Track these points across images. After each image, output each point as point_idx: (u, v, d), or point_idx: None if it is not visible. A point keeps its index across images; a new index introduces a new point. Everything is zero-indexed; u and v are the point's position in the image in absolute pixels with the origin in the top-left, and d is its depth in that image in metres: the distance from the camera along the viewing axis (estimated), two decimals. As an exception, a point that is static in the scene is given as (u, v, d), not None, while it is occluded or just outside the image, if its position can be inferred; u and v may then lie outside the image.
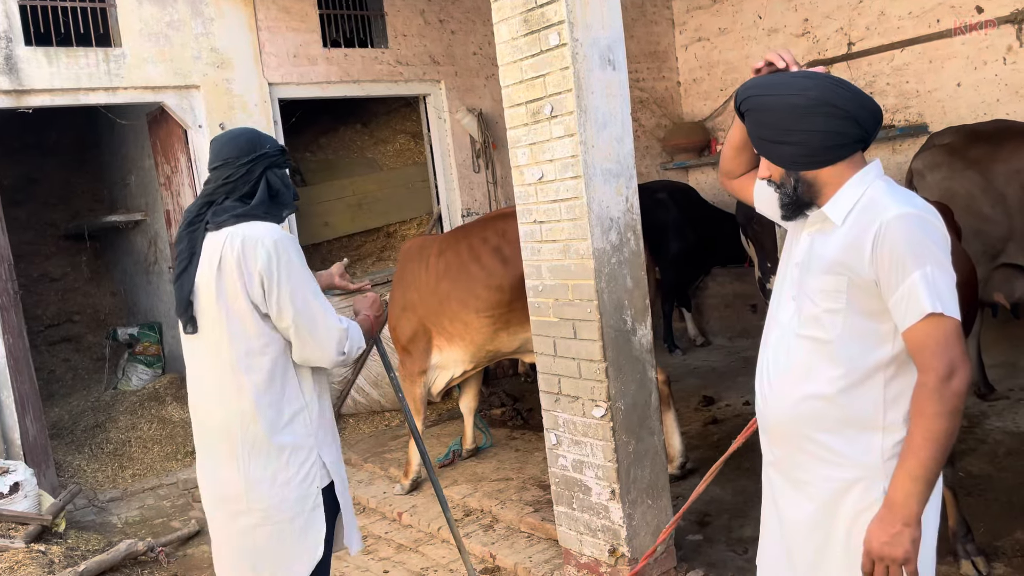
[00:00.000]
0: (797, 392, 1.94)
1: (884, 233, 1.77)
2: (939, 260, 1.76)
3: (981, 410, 5.14)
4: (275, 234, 2.33)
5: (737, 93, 2.01)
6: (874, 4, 6.65)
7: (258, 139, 2.45)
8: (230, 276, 2.30)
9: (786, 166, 1.93)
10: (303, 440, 2.36)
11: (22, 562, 4.02)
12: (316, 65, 6.29)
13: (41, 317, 8.17)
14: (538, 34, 3.35)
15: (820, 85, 1.88)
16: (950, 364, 1.74)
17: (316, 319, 2.33)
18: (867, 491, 1.86)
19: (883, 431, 1.86)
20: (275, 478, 2.33)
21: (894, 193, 1.84)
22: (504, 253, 4.67)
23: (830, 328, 1.88)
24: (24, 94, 5.21)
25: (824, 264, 1.88)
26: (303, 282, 2.34)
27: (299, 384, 2.38)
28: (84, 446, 6.36)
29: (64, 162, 8.68)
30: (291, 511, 2.35)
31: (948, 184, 4.83)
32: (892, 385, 1.86)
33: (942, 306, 1.73)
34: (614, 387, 3.37)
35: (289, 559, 2.38)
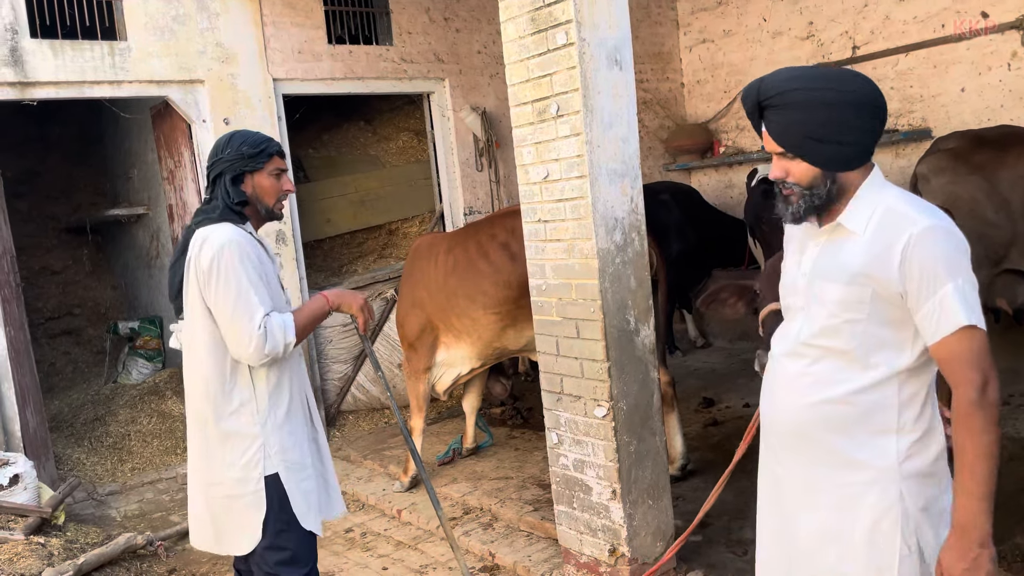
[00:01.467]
0: (809, 400, 1.93)
1: (914, 245, 1.76)
2: (968, 272, 1.77)
3: (981, 415, 5.14)
4: (226, 237, 2.52)
5: (763, 86, 1.89)
6: (879, 8, 6.65)
7: (224, 143, 2.66)
8: (193, 273, 2.56)
9: (828, 166, 1.86)
10: (248, 428, 2.57)
11: (21, 554, 4.02)
12: (321, 61, 6.29)
13: (42, 310, 8.16)
14: (545, 33, 3.35)
15: (865, 82, 1.87)
16: (984, 375, 1.75)
17: (236, 322, 2.50)
18: (884, 494, 1.86)
19: (897, 433, 1.86)
20: (223, 458, 2.58)
21: (913, 202, 1.84)
22: (512, 250, 4.67)
23: (848, 338, 1.86)
24: (29, 86, 5.20)
25: (847, 275, 1.85)
26: (234, 285, 2.50)
27: (251, 378, 2.58)
28: (84, 439, 6.36)
29: (67, 155, 8.67)
30: (233, 490, 2.58)
31: (952, 189, 4.83)
32: (906, 387, 1.86)
33: (976, 318, 1.74)
34: (616, 387, 3.38)
35: (234, 532, 2.62)
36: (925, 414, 1.88)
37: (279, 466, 2.60)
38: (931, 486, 1.88)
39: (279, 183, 2.69)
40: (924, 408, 1.88)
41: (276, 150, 2.68)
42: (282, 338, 2.55)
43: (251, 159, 2.61)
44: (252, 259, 2.54)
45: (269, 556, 2.61)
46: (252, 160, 2.62)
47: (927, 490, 1.87)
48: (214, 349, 2.57)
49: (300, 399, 2.72)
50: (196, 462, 2.68)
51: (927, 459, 1.87)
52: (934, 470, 1.88)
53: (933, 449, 1.88)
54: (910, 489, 1.85)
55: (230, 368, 2.57)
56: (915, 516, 1.86)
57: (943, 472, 1.90)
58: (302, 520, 2.64)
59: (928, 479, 1.87)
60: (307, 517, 2.66)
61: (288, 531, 2.62)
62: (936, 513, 1.88)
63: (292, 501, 2.61)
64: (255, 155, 2.62)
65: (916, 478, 1.86)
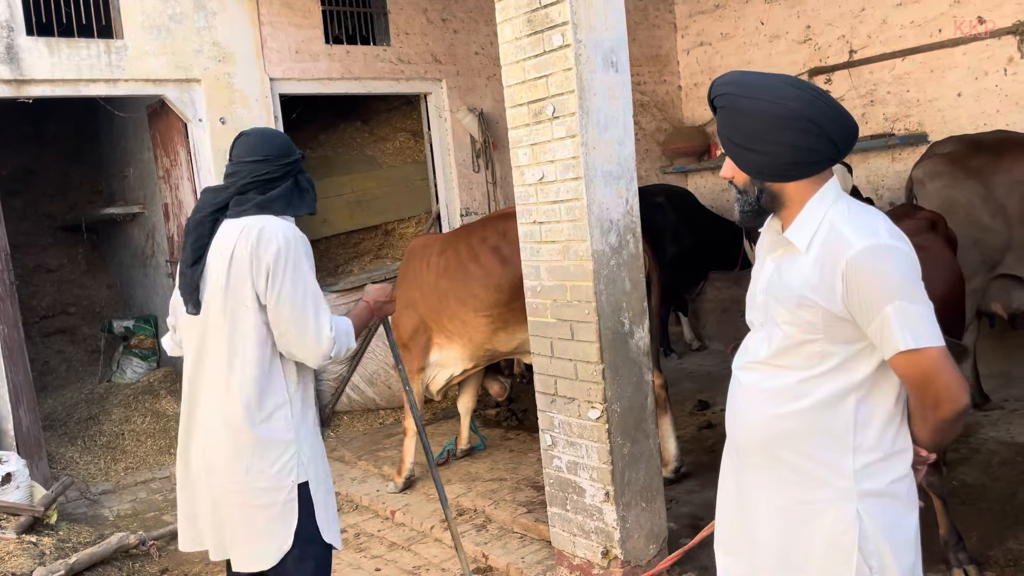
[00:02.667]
0: (767, 415, 1.90)
1: (850, 271, 1.73)
2: (907, 292, 1.71)
3: (976, 420, 5.14)
4: (290, 231, 2.42)
5: (713, 85, 1.90)
6: (876, 12, 6.65)
7: (291, 143, 2.58)
8: (240, 264, 2.38)
9: (752, 174, 1.87)
10: (282, 434, 2.43)
11: (13, 553, 4.01)
12: (318, 61, 6.28)
13: (36, 308, 8.14)
14: (542, 35, 3.34)
15: (802, 96, 1.79)
16: (935, 396, 1.73)
17: (308, 321, 2.39)
18: (841, 513, 1.82)
19: (854, 452, 1.81)
20: (250, 468, 2.41)
21: (856, 221, 1.78)
22: (503, 253, 4.67)
23: (805, 357, 1.84)
24: (25, 84, 5.19)
25: (795, 298, 1.82)
26: (304, 282, 2.40)
27: (284, 378, 2.46)
28: (77, 438, 6.34)
29: (63, 153, 8.65)
30: (262, 500, 2.42)
31: (948, 193, 4.84)
32: (863, 407, 1.82)
33: (914, 340, 1.69)
34: (611, 389, 3.37)
35: (256, 545, 2.45)
36: (887, 434, 1.83)
37: (310, 474, 2.48)
38: (892, 508, 1.83)
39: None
40: (886, 428, 1.83)
41: None
42: (346, 341, 2.48)
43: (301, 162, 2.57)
44: (311, 259, 2.47)
45: (292, 568, 2.49)
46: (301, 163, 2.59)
47: (888, 512, 1.83)
48: (260, 346, 2.41)
49: (316, 404, 2.63)
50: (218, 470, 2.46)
51: (887, 480, 1.82)
52: (896, 491, 1.84)
53: (896, 471, 1.83)
54: (869, 510, 1.81)
55: (268, 368, 2.42)
56: (875, 538, 1.81)
57: (906, 494, 1.85)
58: (325, 532, 2.52)
59: (890, 500, 1.83)
60: (329, 529, 2.55)
61: (314, 543, 2.51)
62: (899, 537, 1.83)
63: (317, 512, 2.50)
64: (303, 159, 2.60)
65: (875, 498, 1.81)
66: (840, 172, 5.68)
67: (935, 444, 1.84)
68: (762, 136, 1.80)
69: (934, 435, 1.81)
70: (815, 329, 1.81)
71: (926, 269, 3.75)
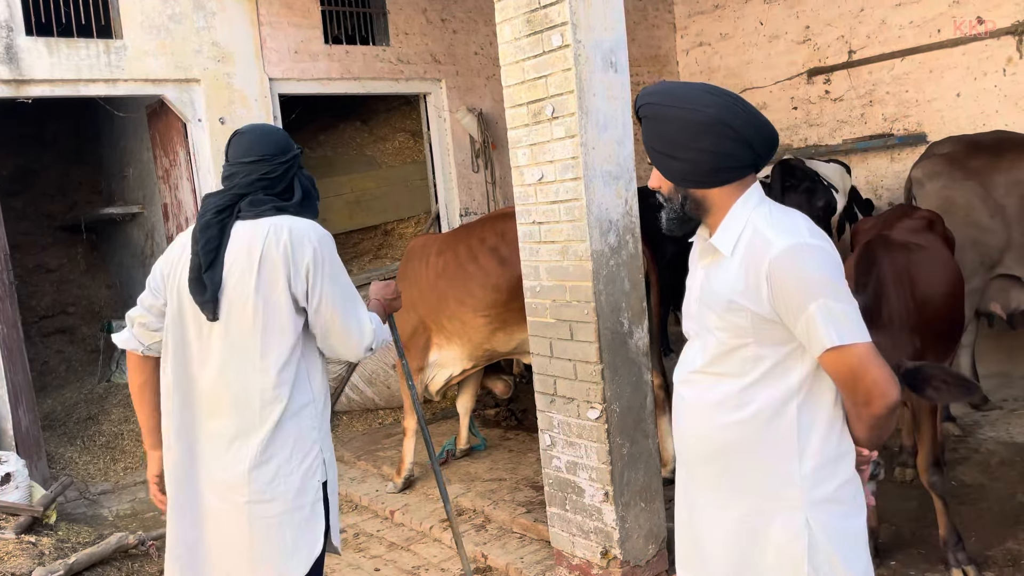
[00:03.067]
0: (710, 426, 1.89)
1: (773, 271, 1.73)
2: (830, 289, 1.71)
3: (975, 420, 5.15)
4: (320, 230, 2.40)
5: (639, 96, 1.93)
6: (875, 13, 6.66)
7: (289, 139, 2.49)
8: (272, 266, 2.30)
9: (675, 181, 1.88)
10: (308, 432, 2.37)
11: (12, 553, 4.01)
12: (317, 61, 6.28)
13: (36, 308, 8.15)
14: (541, 35, 3.34)
15: (719, 103, 1.81)
16: (865, 393, 1.72)
17: (354, 316, 2.40)
18: (790, 522, 1.80)
19: (800, 459, 1.80)
20: (280, 469, 2.32)
21: (776, 223, 1.79)
22: (502, 253, 4.68)
23: (740, 363, 1.83)
24: (24, 84, 5.19)
25: (723, 303, 1.83)
26: (344, 279, 2.41)
27: (308, 378, 2.40)
28: (76, 438, 6.34)
29: (62, 153, 8.65)
30: (293, 502, 2.33)
31: (947, 193, 4.84)
32: (804, 412, 1.81)
33: (839, 337, 1.69)
34: (610, 389, 3.37)
35: (288, 552, 2.34)
36: (831, 438, 1.82)
37: (329, 475, 2.42)
38: (840, 514, 1.82)
39: None
40: (829, 432, 1.82)
41: None
42: (383, 333, 2.49)
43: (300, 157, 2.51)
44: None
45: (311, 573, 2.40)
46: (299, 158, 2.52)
47: (836, 519, 1.81)
48: (292, 346, 2.34)
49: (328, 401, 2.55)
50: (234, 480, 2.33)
51: (835, 485, 1.81)
52: (843, 496, 1.82)
53: (842, 474, 1.82)
54: (818, 518, 1.80)
55: (296, 367, 2.36)
56: (824, 547, 1.79)
57: (852, 498, 1.84)
58: (334, 535, 2.46)
59: (837, 506, 1.82)
60: (335, 532, 2.48)
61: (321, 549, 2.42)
62: (848, 542, 1.82)
63: (331, 513, 2.43)
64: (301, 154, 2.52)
65: (824, 505, 1.80)
66: (838, 172, 5.69)
67: (872, 441, 1.84)
68: (683, 143, 1.83)
69: (870, 432, 1.81)
70: (745, 333, 1.81)
71: (927, 268, 3.74)
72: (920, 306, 3.41)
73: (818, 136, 7.23)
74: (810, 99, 7.25)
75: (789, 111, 7.43)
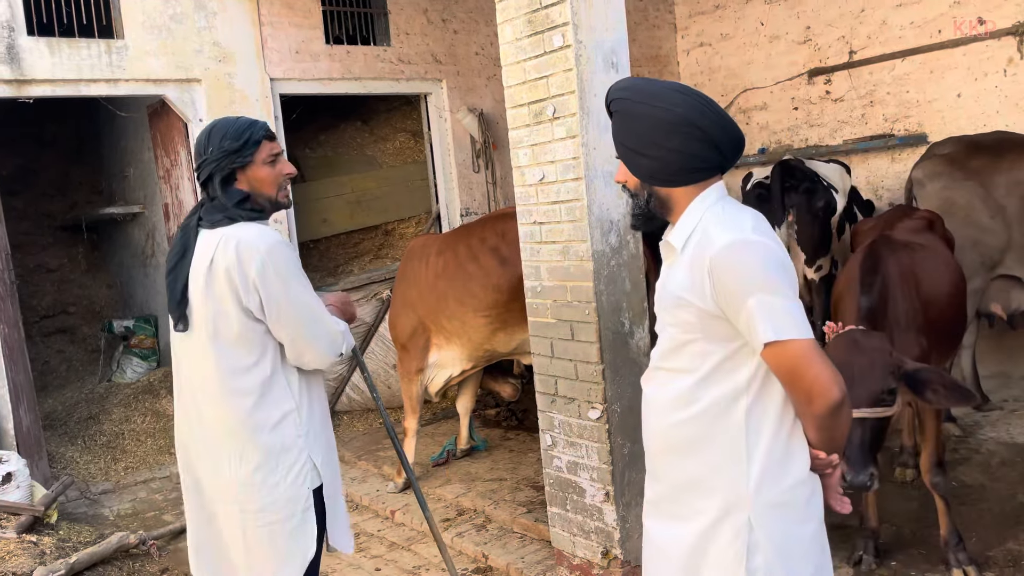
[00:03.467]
0: (664, 422, 1.90)
1: (714, 267, 1.75)
2: (768, 284, 1.70)
3: (975, 420, 5.15)
4: (269, 240, 2.29)
5: (610, 90, 1.94)
6: (876, 13, 6.66)
7: (205, 140, 2.37)
8: (220, 280, 2.26)
9: (642, 178, 1.90)
10: (293, 441, 2.33)
11: (13, 552, 4.01)
12: (318, 61, 6.29)
13: (37, 308, 8.15)
14: (542, 35, 3.35)
15: (688, 103, 1.82)
16: (806, 391, 1.71)
17: (317, 324, 2.33)
18: (733, 522, 1.80)
19: (748, 458, 1.80)
20: (265, 480, 2.31)
21: (723, 219, 1.80)
22: (503, 253, 4.68)
23: (689, 359, 1.84)
24: (25, 84, 5.20)
25: (672, 299, 1.85)
26: (300, 288, 2.32)
27: (287, 385, 2.36)
28: (77, 438, 6.34)
29: (63, 153, 8.66)
30: (283, 512, 2.33)
31: (948, 194, 4.85)
32: (753, 411, 1.80)
33: (775, 332, 1.69)
34: (611, 389, 3.38)
35: (281, 559, 2.35)
36: (780, 438, 1.81)
37: (325, 478, 2.40)
38: (786, 518, 1.80)
39: (276, 169, 2.39)
40: (778, 432, 1.81)
41: (263, 134, 2.38)
42: (350, 339, 2.44)
43: (237, 154, 2.32)
44: (296, 259, 2.35)
45: None
46: (239, 155, 2.33)
47: (782, 523, 1.80)
48: (256, 358, 2.31)
49: (323, 404, 2.50)
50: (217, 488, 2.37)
51: (783, 487, 1.80)
52: (792, 499, 1.81)
53: (791, 477, 1.81)
54: (761, 519, 1.78)
55: (269, 380, 2.32)
56: (765, 549, 1.78)
57: (802, 502, 1.82)
58: (336, 539, 2.47)
59: (786, 509, 1.80)
60: (337, 534, 2.48)
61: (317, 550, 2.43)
62: (793, 548, 1.80)
63: (329, 517, 2.43)
64: (240, 148, 2.33)
65: (769, 507, 1.79)
66: (838, 172, 5.69)
67: (825, 443, 1.81)
68: (651, 140, 1.84)
69: (819, 433, 1.78)
70: (693, 328, 1.82)
71: (930, 267, 3.74)
72: (925, 306, 3.42)
73: (819, 136, 7.23)
74: (811, 99, 7.25)
75: (790, 111, 7.43)
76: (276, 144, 2.43)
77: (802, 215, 5.24)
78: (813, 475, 1.85)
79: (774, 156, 6.95)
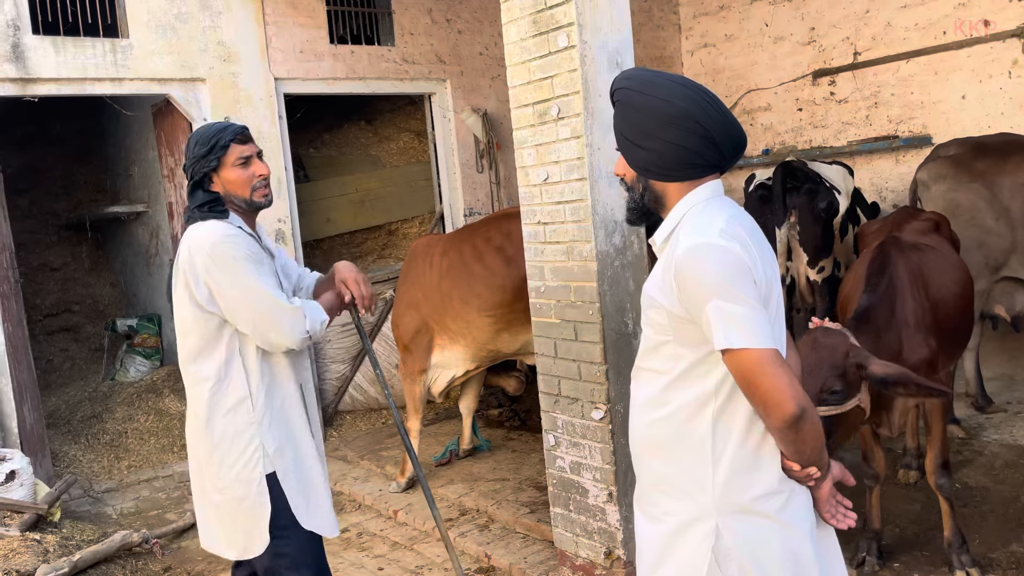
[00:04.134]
0: (640, 422, 1.91)
1: (677, 271, 1.74)
2: (725, 291, 1.68)
3: (979, 422, 5.14)
4: (214, 236, 2.43)
5: (615, 80, 1.92)
6: (881, 15, 6.65)
7: (185, 147, 2.56)
8: (179, 275, 2.49)
9: (638, 170, 1.88)
10: (244, 428, 2.48)
11: (16, 550, 4.02)
12: (322, 61, 6.29)
13: (40, 306, 8.16)
14: (547, 35, 3.35)
15: (690, 97, 1.79)
16: (760, 401, 1.68)
17: (266, 310, 2.43)
18: (700, 527, 1.79)
19: (714, 464, 1.78)
20: (222, 461, 2.49)
21: (696, 221, 1.78)
22: (508, 253, 4.68)
23: (663, 360, 1.84)
24: (30, 83, 5.21)
25: (647, 299, 1.86)
26: (249, 278, 2.42)
27: (245, 374, 2.49)
28: (80, 436, 6.35)
29: (67, 152, 8.67)
30: (237, 492, 2.50)
31: (952, 196, 4.84)
32: (721, 418, 1.79)
33: (726, 340, 1.67)
34: (614, 390, 3.37)
35: (243, 536, 2.53)
36: (747, 447, 1.78)
37: (277, 465, 2.51)
38: (759, 526, 1.77)
39: (248, 171, 2.51)
40: (745, 440, 1.78)
41: (231, 139, 2.49)
42: (318, 316, 2.51)
43: (205, 159, 2.47)
44: (249, 250, 2.45)
45: (269, 560, 2.54)
46: (206, 159, 2.47)
47: (753, 530, 1.77)
48: (206, 348, 2.48)
49: (296, 395, 2.61)
50: (198, 466, 2.59)
51: (750, 496, 1.77)
52: (762, 508, 1.77)
53: (760, 486, 1.77)
54: (730, 525, 1.76)
55: (224, 366, 2.48)
56: (736, 556, 1.76)
57: (775, 512, 1.77)
58: (303, 520, 2.55)
59: (756, 518, 1.77)
60: (308, 517, 2.57)
61: (288, 534, 2.53)
62: (767, 558, 1.76)
63: (291, 501, 2.53)
64: (207, 153, 2.47)
65: (738, 515, 1.77)
66: (841, 173, 5.68)
67: (793, 455, 1.75)
68: (651, 132, 1.81)
69: (784, 445, 1.74)
70: (665, 330, 1.82)
71: (939, 268, 3.72)
72: (934, 307, 3.42)
73: (823, 138, 7.23)
74: (815, 101, 7.24)
75: (794, 112, 7.43)
76: (249, 147, 2.54)
77: (804, 216, 5.23)
78: (791, 485, 1.80)
79: (778, 157, 6.95)
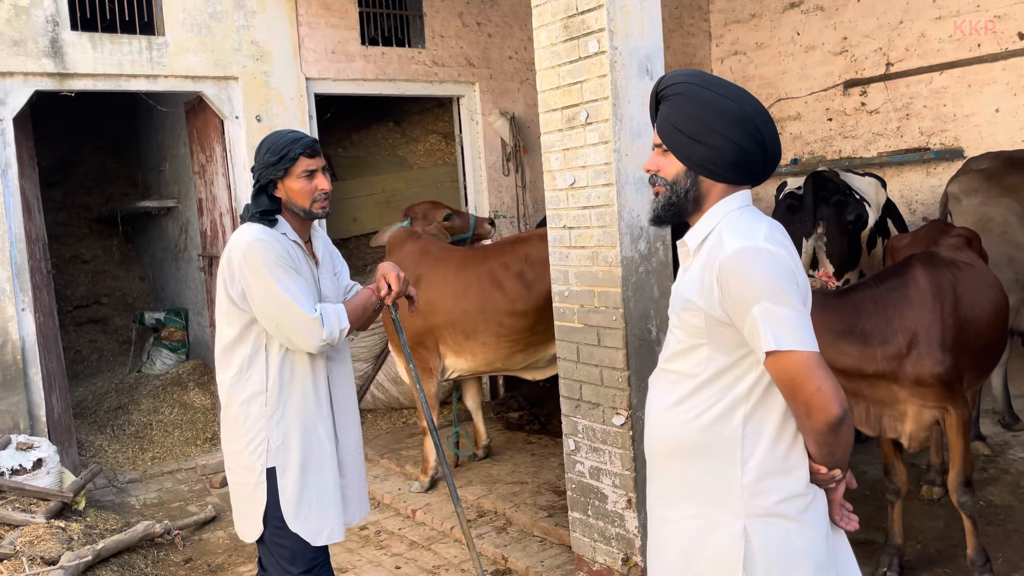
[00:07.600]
0: (665, 425, 1.90)
1: (722, 273, 1.73)
2: (773, 293, 1.69)
3: (1005, 440, 5.07)
4: (251, 237, 2.56)
5: (667, 77, 1.90)
6: (915, 26, 6.59)
7: (257, 151, 2.67)
8: (221, 270, 2.63)
9: (692, 166, 1.85)
10: (255, 421, 2.61)
11: (42, 537, 4.09)
12: (353, 62, 6.34)
13: (70, 297, 8.29)
14: (577, 41, 3.36)
15: (753, 102, 1.85)
16: (804, 404, 1.69)
17: (285, 314, 2.53)
18: (728, 530, 1.79)
19: (742, 467, 1.79)
20: (234, 444, 2.66)
21: (738, 225, 1.79)
22: (527, 278, 4.75)
23: (695, 363, 1.83)
24: (68, 78, 5.30)
25: (682, 301, 1.85)
26: (272, 281, 2.53)
27: (265, 369, 2.62)
28: (106, 427, 6.45)
29: (101, 147, 8.81)
30: (242, 477, 2.66)
31: (984, 210, 4.78)
32: (751, 421, 1.79)
33: (776, 342, 1.67)
34: (636, 396, 3.37)
35: (242, 516, 2.70)
36: (777, 451, 1.79)
37: (278, 461, 2.61)
38: (784, 529, 1.78)
39: (311, 184, 2.62)
40: (776, 444, 1.79)
41: (300, 152, 2.59)
42: (336, 323, 2.58)
43: (274, 167, 2.59)
44: (281, 255, 2.55)
45: (270, 549, 2.66)
46: (275, 168, 2.59)
47: (779, 533, 1.78)
48: (237, 341, 2.63)
49: (315, 397, 2.68)
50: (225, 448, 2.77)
51: (776, 498, 1.78)
52: (787, 511, 1.78)
53: (787, 489, 1.78)
54: (757, 528, 1.77)
55: (248, 359, 2.62)
56: (763, 559, 1.76)
57: (798, 514, 1.79)
58: (289, 521, 2.62)
59: (780, 520, 1.78)
60: (295, 519, 2.63)
61: (284, 530, 2.63)
62: (792, 560, 1.78)
63: (282, 500, 2.61)
64: (276, 162, 2.58)
65: (765, 517, 1.78)
66: (873, 185, 5.63)
67: (825, 458, 1.77)
68: (716, 129, 1.81)
69: (818, 448, 1.76)
70: (700, 334, 1.81)
71: (974, 286, 3.68)
72: (962, 325, 3.36)
73: (852, 148, 7.17)
74: (845, 111, 7.19)
75: (824, 122, 7.37)
76: (316, 160, 2.64)
77: (832, 228, 5.18)
78: (814, 488, 1.82)
79: (806, 167, 6.90)
